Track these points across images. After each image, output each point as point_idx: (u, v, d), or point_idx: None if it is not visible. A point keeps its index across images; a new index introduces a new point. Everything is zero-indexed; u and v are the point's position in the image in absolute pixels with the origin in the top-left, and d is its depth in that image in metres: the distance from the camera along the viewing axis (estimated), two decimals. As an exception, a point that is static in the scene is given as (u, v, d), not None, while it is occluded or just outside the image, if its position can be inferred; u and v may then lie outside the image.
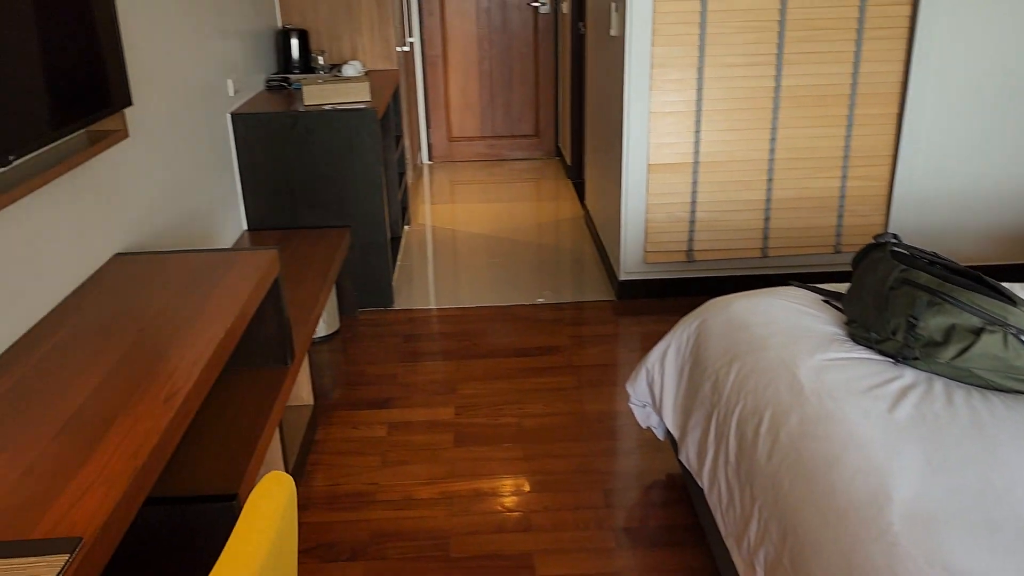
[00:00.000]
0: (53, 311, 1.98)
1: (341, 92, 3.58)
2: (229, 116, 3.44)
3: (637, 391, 2.49)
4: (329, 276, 3.13)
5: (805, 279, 3.82)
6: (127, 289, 2.10)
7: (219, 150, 3.31)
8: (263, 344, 2.38)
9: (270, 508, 1.17)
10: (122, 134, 2.18)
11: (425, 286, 4.02)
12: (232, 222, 3.45)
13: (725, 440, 1.95)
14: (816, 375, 1.83)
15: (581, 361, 3.28)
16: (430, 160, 6.32)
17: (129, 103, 2.17)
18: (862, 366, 1.86)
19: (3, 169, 1.77)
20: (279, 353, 2.40)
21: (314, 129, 3.47)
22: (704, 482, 2.04)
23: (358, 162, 3.52)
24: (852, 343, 1.97)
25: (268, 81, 4.03)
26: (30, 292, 1.91)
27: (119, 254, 2.34)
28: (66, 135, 1.90)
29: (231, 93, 3.47)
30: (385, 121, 4.10)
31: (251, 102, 3.65)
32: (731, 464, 1.89)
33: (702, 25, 3.39)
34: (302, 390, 2.82)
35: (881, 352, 1.91)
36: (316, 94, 3.57)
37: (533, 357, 3.32)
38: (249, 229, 3.60)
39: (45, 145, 1.83)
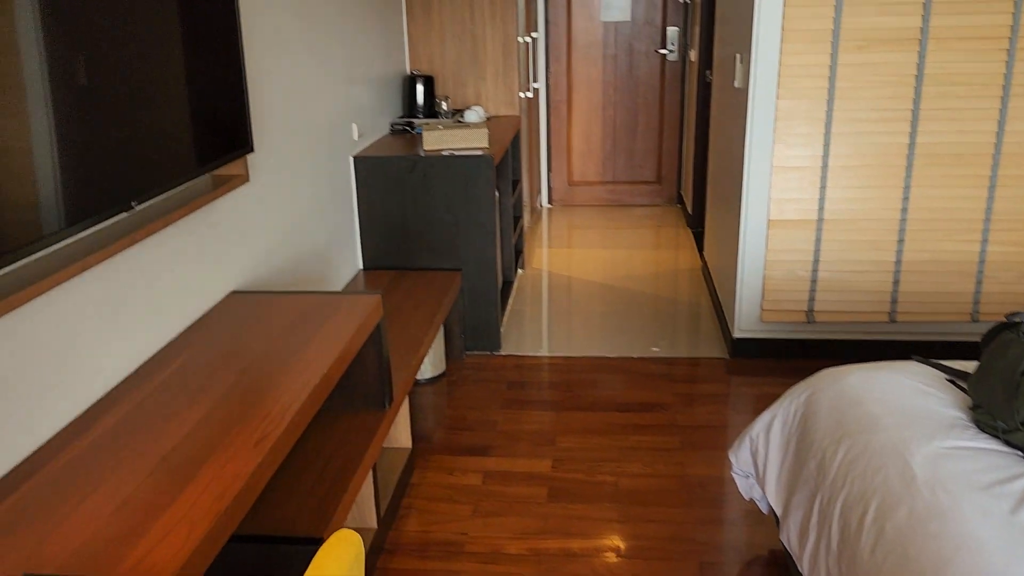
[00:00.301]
0: (167, 346, 2.08)
1: (460, 138, 3.65)
2: (352, 159, 3.56)
3: (740, 460, 2.37)
4: (437, 318, 3.17)
5: (937, 348, 3.57)
6: (235, 328, 2.18)
7: (340, 192, 3.43)
8: (363, 387, 2.42)
9: (334, 569, 1.17)
10: (243, 178, 2.29)
11: (534, 332, 4.01)
12: (349, 261, 3.55)
13: (828, 526, 1.82)
14: (932, 464, 1.69)
15: (687, 421, 3.17)
16: (550, 203, 6.35)
17: (250, 150, 2.27)
18: (985, 458, 1.70)
19: (126, 215, 1.88)
20: (378, 397, 2.43)
21: (432, 173, 3.55)
22: (804, 568, 1.91)
23: (472, 207, 3.57)
24: (976, 431, 1.80)
25: (393, 125, 4.16)
26: (147, 327, 2.01)
27: (235, 292, 2.44)
28: (187, 182, 2.01)
29: (355, 137, 3.60)
30: (502, 167, 4.15)
31: (374, 145, 3.78)
32: (832, 553, 1.76)
33: (831, 79, 3.26)
34: (400, 433, 2.84)
35: (1008, 443, 1.74)
36: (435, 139, 3.65)
37: (637, 413, 3.23)
38: (364, 268, 3.70)
39: (167, 191, 1.93)
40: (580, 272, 4.85)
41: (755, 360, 3.65)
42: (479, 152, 3.57)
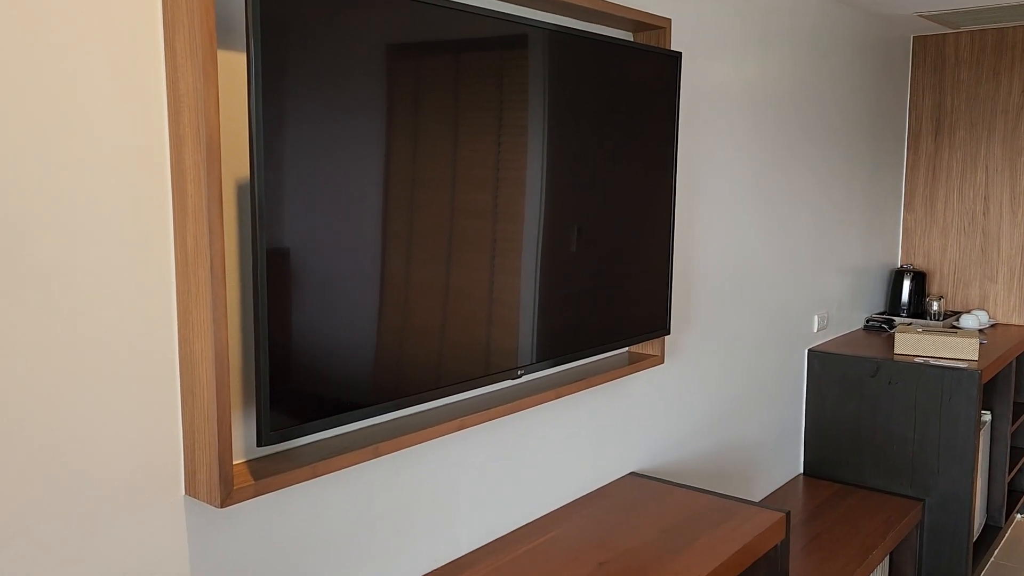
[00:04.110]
0: (552, 513, 2.04)
1: (940, 345, 3.12)
2: (806, 352, 3.27)
3: None
4: (875, 554, 2.64)
5: None
6: (616, 514, 2.05)
7: (787, 386, 3.15)
8: (749, 615, 2.08)
9: None
10: (656, 360, 2.21)
11: (1019, 600, 3.12)
12: (787, 463, 3.21)
13: None
14: None
15: None
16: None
17: (666, 332, 2.19)
18: None
19: (514, 382, 1.92)
20: (766, 632, 2.07)
21: (898, 381, 3.07)
22: None
23: (946, 427, 2.98)
24: None
25: (868, 321, 3.76)
26: (531, 494, 2.01)
27: (633, 473, 2.34)
28: (603, 353, 1.99)
29: (815, 329, 3.31)
30: (1002, 385, 3.43)
31: (838, 341, 3.43)
32: None
33: None
34: None
35: None
36: (909, 343, 3.17)
37: None
38: (805, 474, 3.30)
39: (586, 358, 1.94)
40: (1109, 535, 3.70)
41: None
42: (963, 365, 2.99)
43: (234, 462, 1.37)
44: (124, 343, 1.23)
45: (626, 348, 2.28)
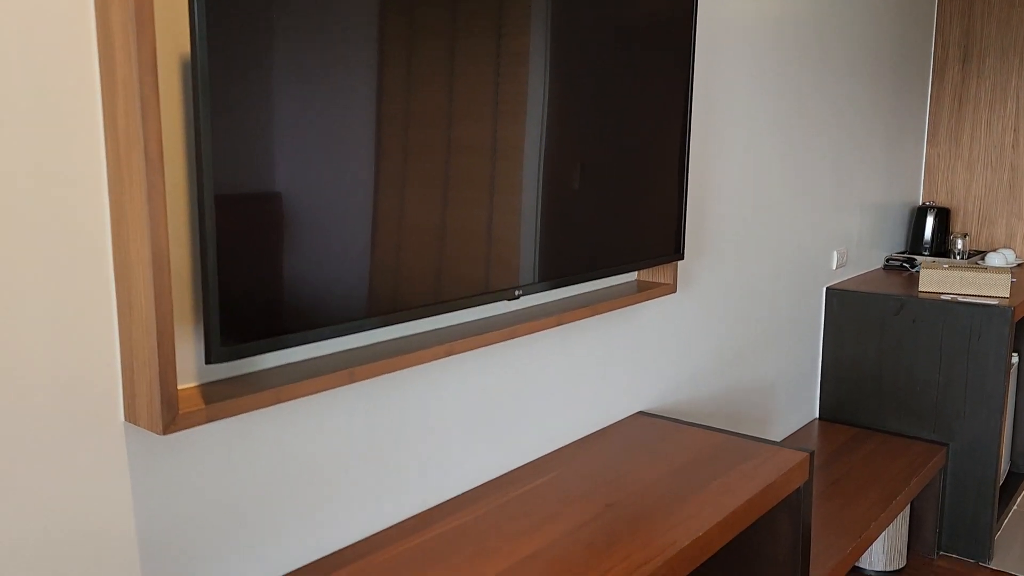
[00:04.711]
0: (553, 454, 1.87)
1: (968, 282, 2.92)
2: (824, 290, 3.08)
3: None
4: (899, 500, 2.48)
5: None
6: (625, 453, 1.88)
7: (803, 325, 2.96)
8: (766, 563, 1.92)
9: None
10: (668, 288, 2.02)
11: (1046, 549, 2.97)
12: (803, 405, 3.03)
13: None
14: None
15: None
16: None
17: (680, 256, 2.00)
18: None
19: (510, 307, 1.73)
20: (786, 581, 1.90)
21: (923, 319, 2.88)
22: None
23: (974, 368, 2.80)
24: None
25: (888, 260, 3.56)
26: (534, 431, 1.83)
27: (642, 412, 2.16)
28: (611, 275, 1.80)
29: (834, 266, 3.11)
30: (1031, 325, 3.24)
31: (858, 279, 3.23)
32: None
33: None
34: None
35: None
36: (935, 280, 2.97)
37: None
38: (820, 418, 3.13)
39: (593, 279, 1.75)
40: None
41: None
42: (993, 302, 2.80)
43: (186, 385, 1.19)
44: (47, 242, 1.03)
45: (635, 275, 2.08)
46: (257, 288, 1.13)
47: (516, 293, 1.52)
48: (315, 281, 1.20)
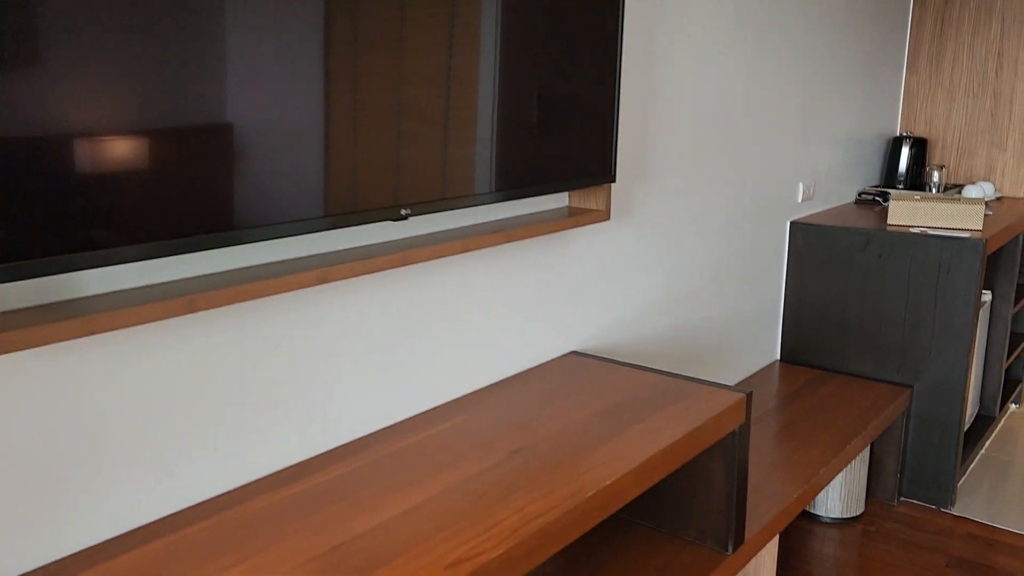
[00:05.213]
0: (465, 397, 1.71)
1: (939, 214, 2.74)
2: (788, 224, 2.90)
3: None
4: (855, 443, 2.34)
5: None
6: (547, 395, 1.72)
7: (764, 261, 2.79)
8: (700, 514, 1.77)
9: None
10: (600, 215, 1.83)
11: (1018, 498, 2.84)
12: (764, 346, 2.88)
13: None
14: None
15: None
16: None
17: (611, 179, 1.81)
18: None
19: (396, 232, 1.54)
20: (719, 532, 1.76)
21: (892, 254, 2.71)
22: None
23: (943, 305, 2.63)
24: None
25: (861, 194, 3.37)
26: (449, 371, 1.66)
27: (575, 352, 1.99)
28: (508, 199, 1.62)
29: (799, 199, 2.93)
30: (1006, 260, 3.07)
31: (826, 213, 3.05)
32: None
33: None
34: (760, 586, 2.09)
35: None
36: (905, 212, 2.79)
37: None
38: (782, 360, 2.98)
39: (463, 206, 1.56)
40: (1110, 427, 3.42)
41: None
42: (965, 235, 2.63)
43: (-20, 315, 1.01)
44: None
45: (566, 203, 1.89)
46: (42, 194, 0.94)
47: (402, 212, 1.33)
48: (130, 185, 1.01)
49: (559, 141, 1.67)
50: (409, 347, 1.58)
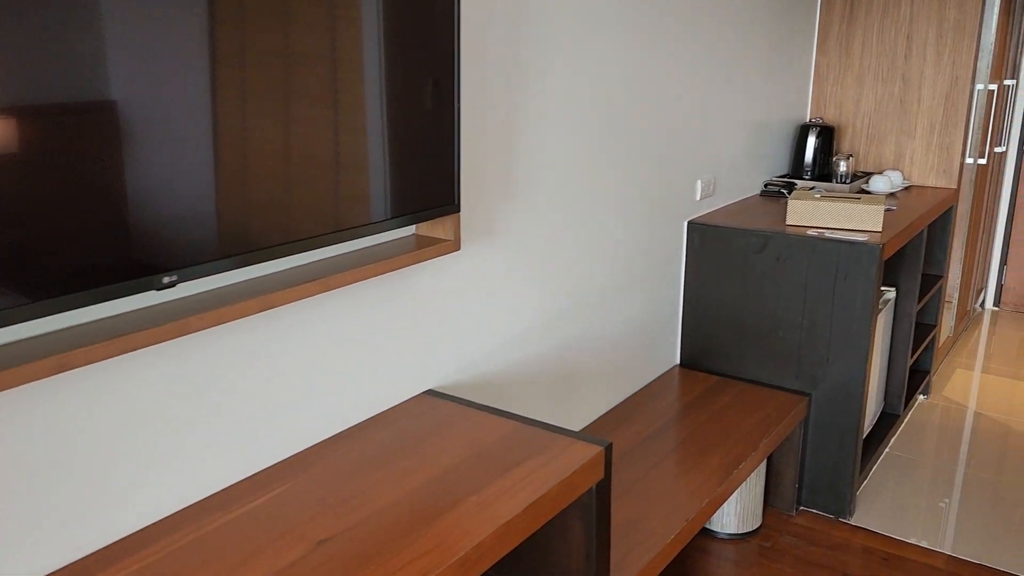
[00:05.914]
0: (303, 453, 1.53)
1: (838, 214, 2.62)
2: (685, 224, 2.75)
3: None
4: (754, 455, 2.23)
5: None
6: (387, 447, 1.55)
7: (660, 265, 2.64)
8: (560, 563, 1.63)
9: None
10: (450, 245, 1.65)
11: (923, 504, 2.78)
12: (663, 352, 2.75)
13: None
14: None
15: None
16: (997, 306, 4.77)
17: (455, 209, 1.62)
18: None
19: (158, 299, 1.34)
20: (584, 572, 1.63)
21: (788, 257, 2.59)
22: None
23: (840, 311, 2.53)
24: None
25: (767, 185, 3.24)
26: (309, 413, 1.48)
27: (431, 392, 1.83)
28: (293, 253, 1.43)
29: (697, 197, 2.78)
30: (908, 258, 2.99)
31: (727, 210, 2.91)
32: None
33: None
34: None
35: None
36: (803, 212, 2.67)
37: None
38: (682, 365, 2.86)
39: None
40: None
41: None
42: (862, 238, 2.51)
43: None
44: None
45: (410, 229, 1.71)
46: None
47: (165, 280, 1.13)
48: None
49: (397, 172, 1.48)
50: (224, 412, 1.39)
